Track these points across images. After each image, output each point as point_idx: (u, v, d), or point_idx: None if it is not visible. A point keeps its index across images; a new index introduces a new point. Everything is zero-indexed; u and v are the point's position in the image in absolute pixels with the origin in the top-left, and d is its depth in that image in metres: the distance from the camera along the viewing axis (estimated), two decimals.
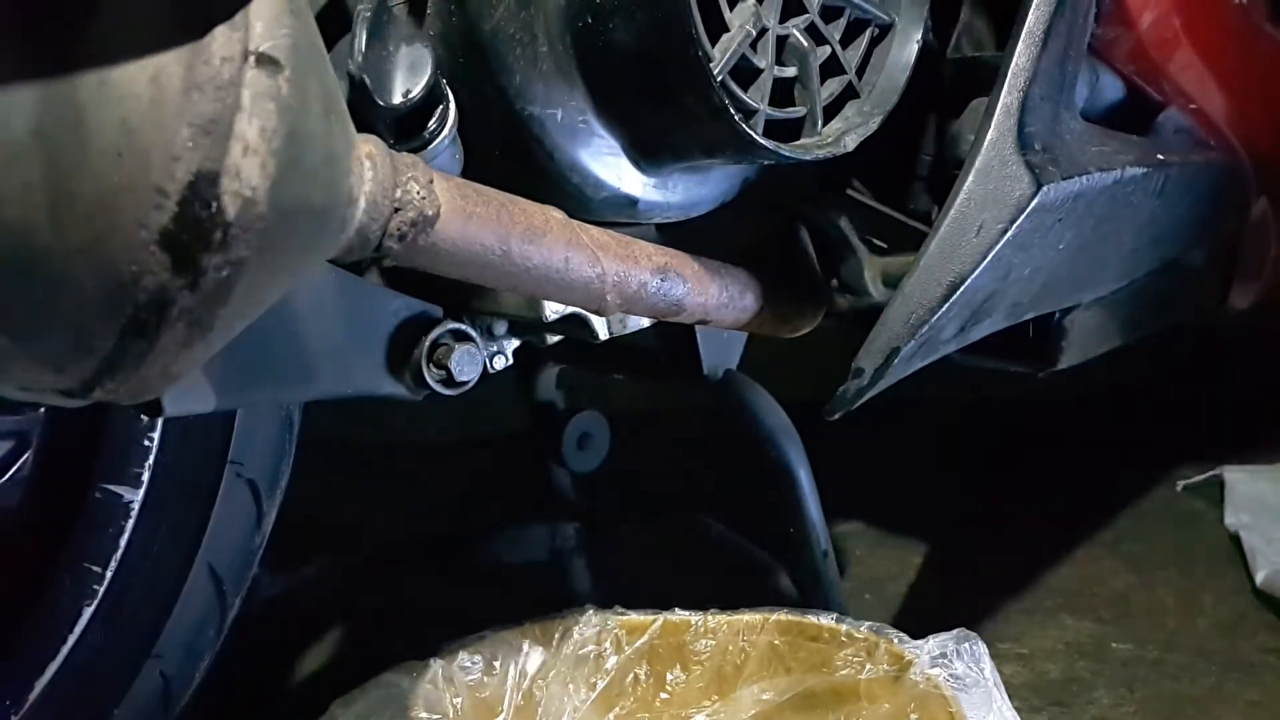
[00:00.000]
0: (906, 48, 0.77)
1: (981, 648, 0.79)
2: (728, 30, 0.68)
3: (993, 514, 1.39)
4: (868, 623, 0.85)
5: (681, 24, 0.63)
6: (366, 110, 0.61)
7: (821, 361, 0.92)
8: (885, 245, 0.88)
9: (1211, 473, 1.41)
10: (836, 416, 0.79)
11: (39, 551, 0.76)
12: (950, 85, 0.82)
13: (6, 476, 0.75)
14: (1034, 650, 1.08)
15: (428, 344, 0.71)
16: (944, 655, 0.79)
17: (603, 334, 0.79)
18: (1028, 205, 0.73)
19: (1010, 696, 0.77)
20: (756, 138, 0.68)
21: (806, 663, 0.85)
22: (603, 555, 1.25)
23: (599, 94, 0.69)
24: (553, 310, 0.75)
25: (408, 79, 0.62)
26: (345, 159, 0.51)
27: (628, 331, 0.80)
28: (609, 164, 0.72)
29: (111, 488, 0.75)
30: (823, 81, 0.74)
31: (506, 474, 1.50)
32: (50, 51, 0.40)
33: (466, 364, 0.72)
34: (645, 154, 0.73)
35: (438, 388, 0.72)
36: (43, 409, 0.75)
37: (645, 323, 0.81)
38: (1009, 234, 0.73)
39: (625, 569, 1.23)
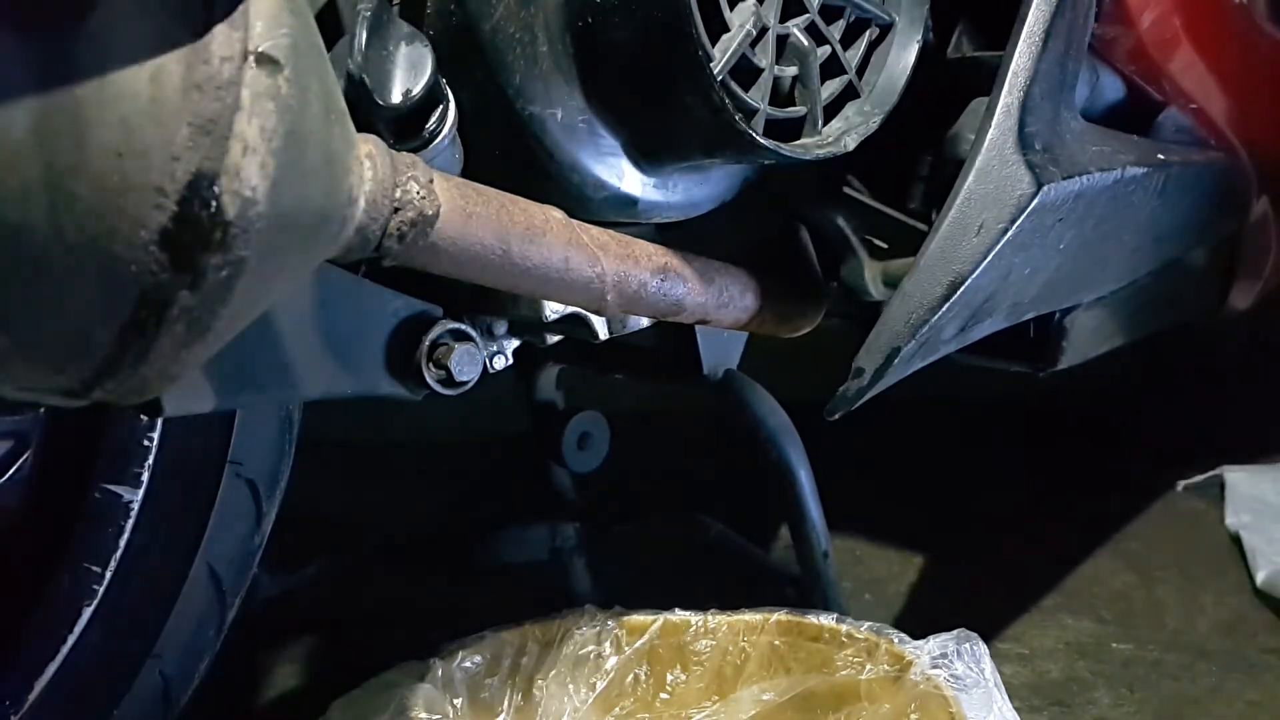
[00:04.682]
0: (907, 48, 0.77)
1: (982, 648, 0.79)
2: (728, 30, 0.68)
3: (993, 514, 1.39)
4: (868, 623, 0.85)
5: (682, 23, 0.63)
6: (366, 110, 0.61)
7: (821, 361, 0.92)
8: (885, 245, 0.88)
9: (1211, 473, 1.41)
10: (836, 416, 0.79)
11: (39, 551, 0.76)
12: (950, 85, 0.82)
13: (6, 476, 0.74)
14: (1034, 650, 1.08)
15: (428, 344, 0.71)
16: (944, 655, 0.79)
17: (603, 334, 0.79)
18: (1028, 205, 0.73)
19: (1010, 696, 0.77)
20: (756, 137, 0.68)
21: (806, 663, 0.85)
22: (603, 555, 1.25)
23: (599, 94, 0.69)
24: (553, 310, 0.75)
25: (408, 79, 0.62)
26: (345, 159, 0.51)
27: (628, 331, 0.80)
28: (609, 164, 0.72)
29: (111, 488, 0.75)
30: (823, 81, 0.74)
31: (506, 474, 1.50)
32: (50, 51, 0.40)
33: (466, 364, 0.72)
34: (645, 154, 0.73)
35: (438, 388, 0.72)
36: (43, 409, 0.75)
37: (645, 323, 0.81)
38: (1009, 234, 0.73)
39: (625, 569, 1.23)
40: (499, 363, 0.77)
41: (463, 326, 0.73)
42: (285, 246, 0.47)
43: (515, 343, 0.79)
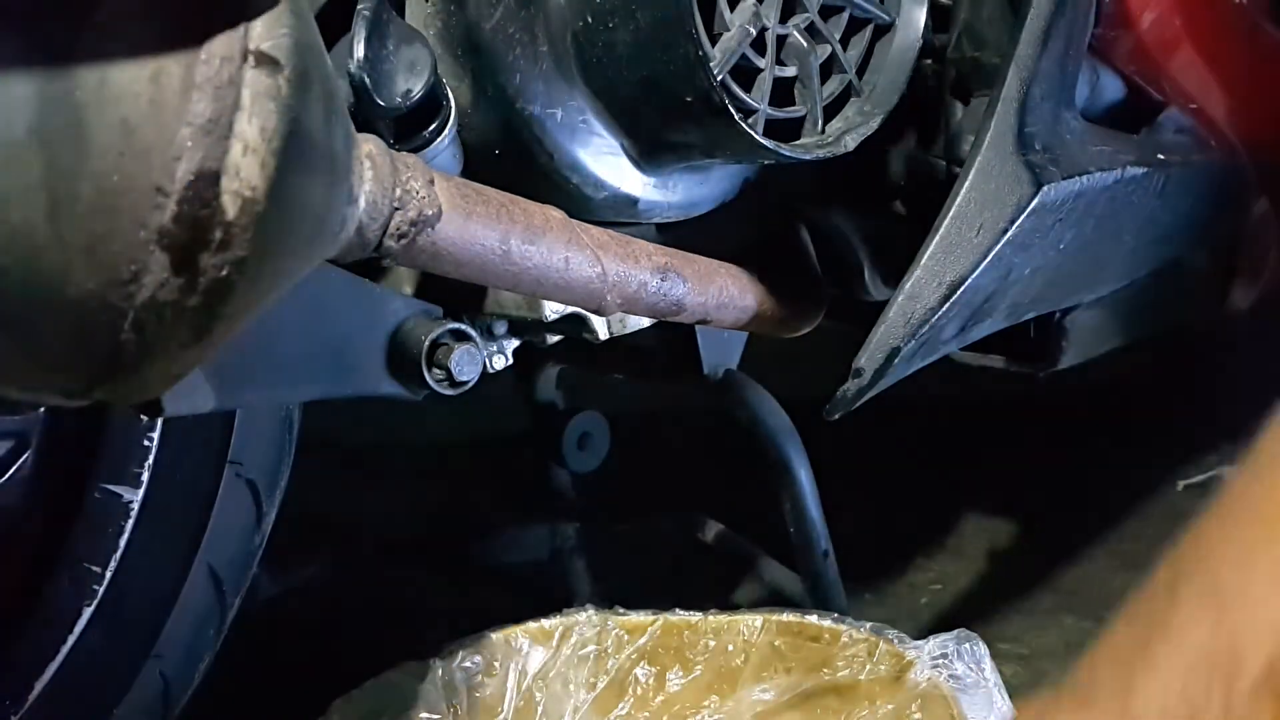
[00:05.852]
0: (906, 47, 0.77)
1: (982, 648, 0.79)
2: (728, 30, 0.68)
3: (993, 514, 1.39)
4: (868, 623, 0.85)
5: (682, 23, 0.63)
6: (366, 110, 0.61)
7: (821, 361, 0.91)
8: (885, 245, 0.88)
9: (1212, 473, 1.41)
10: (836, 416, 0.79)
11: (39, 551, 0.76)
12: (950, 85, 0.81)
13: (6, 476, 0.75)
14: (1034, 650, 1.08)
15: (428, 344, 0.71)
16: (944, 656, 0.78)
17: (603, 334, 0.79)
18: (1028, 205, 0.73)
19: (1011, 696, 0.77)
20: (756, 137, 0.68)
21: (807, 663, 0.85)
22: (603, 555, 1.24)
23: (599, 94, 0.69)
24: (553, 310, 0.75)
25: (408, 79, 0.62)
26: (345, 159, 0.51)
27: (628, 331, 0.80)
28: (609, 164, 0.72)
29: (111, 488, 0.75)
30: (823, 81, 0.74)
31: (506, 474, 1.50)
32: (50, 51, 0.40)
33: (466, 364, 0.72)
34: (645, 154, 0.73)
35: (438, 388, 0.72)
36: (43, 409, 0.75)
37: (645, 323, 0.81)
38: (1009, 234, 0.73)
39: (625, 569, 1.23)
40: (499, 363, 0.77)
41: (463, 326, 0.73)
42: (285, 246, 0.47)
43: (515, 343, 0.79)
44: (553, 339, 0.81)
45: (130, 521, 0.75)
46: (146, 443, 0.75)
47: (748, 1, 0.68)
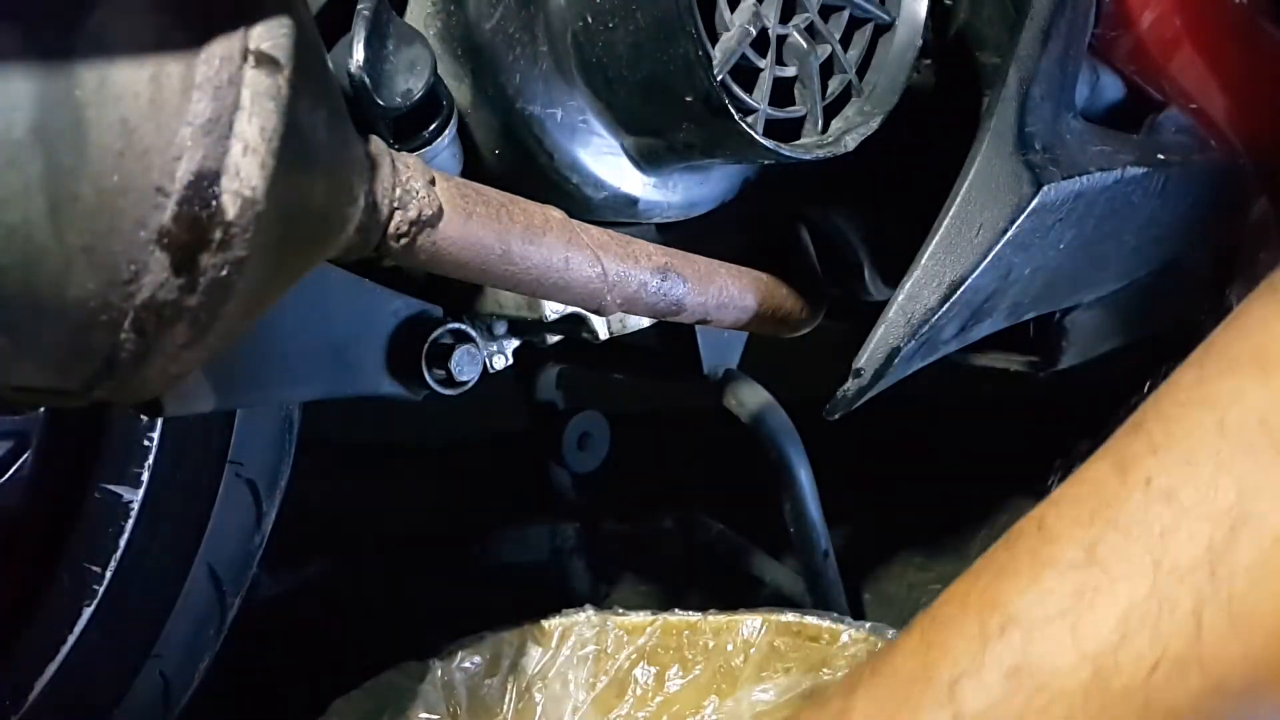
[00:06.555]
0: (906, 47, 0.77)
1: None
2: (728, 30, 0.68)
3: (994, 514, 1.39)
4: (868, 623, 0.85)
5: (681, 23, 0.63)
6: (366, 110, 0.61)
7: (821, 361, 0.91)
8: (885, 245, 0.88)
9: None
10: (836, 416, 0.79)
11: (39, 551, 0.76)
12: (950, 85, 0.82)
13: (6, 476, 0.75)
14: None
15: (428, 344, 0.71)
16: None
17: (603, 334, 0.79)
18: (1028, 205, 0.73)
19: None
20: (756, 137, 0.68)
21: (806, 663, 0.85)
22: (603, 555, 1.24)
23: (599, 94, 0.69)
24: (553, 310, 0.75)
25: (408, 79, 0.62)
26: (345, 159, 0.51)
27: (628, 331, 0.80)
28: (609, 164, 0.72)
29: (111, 488, 0.75)
30: (823, 81, 0.74)
31: (506, 474, 1.50)
32: (50, 50, 0.40)
33: (466, 364, 0.72)
34: (645, 154, 0.73)
35: (438, 388, 0.72)
36: (43, 409, 0.75)
37: (645, 323, 0.81)
38: (1009, 234, 0.73)
39: (625, 569, 1.23)
40: (499, 363, 0.78)
41: (463, 326, 0.73)
42: (285, 246, 0.47)
43: (515, 343, 0.79)
44: (553, 339, 0.81)
45: (130, 521, 0.75)
46: (146, 443, 0.75)
47: (748, 1, 0.68)
